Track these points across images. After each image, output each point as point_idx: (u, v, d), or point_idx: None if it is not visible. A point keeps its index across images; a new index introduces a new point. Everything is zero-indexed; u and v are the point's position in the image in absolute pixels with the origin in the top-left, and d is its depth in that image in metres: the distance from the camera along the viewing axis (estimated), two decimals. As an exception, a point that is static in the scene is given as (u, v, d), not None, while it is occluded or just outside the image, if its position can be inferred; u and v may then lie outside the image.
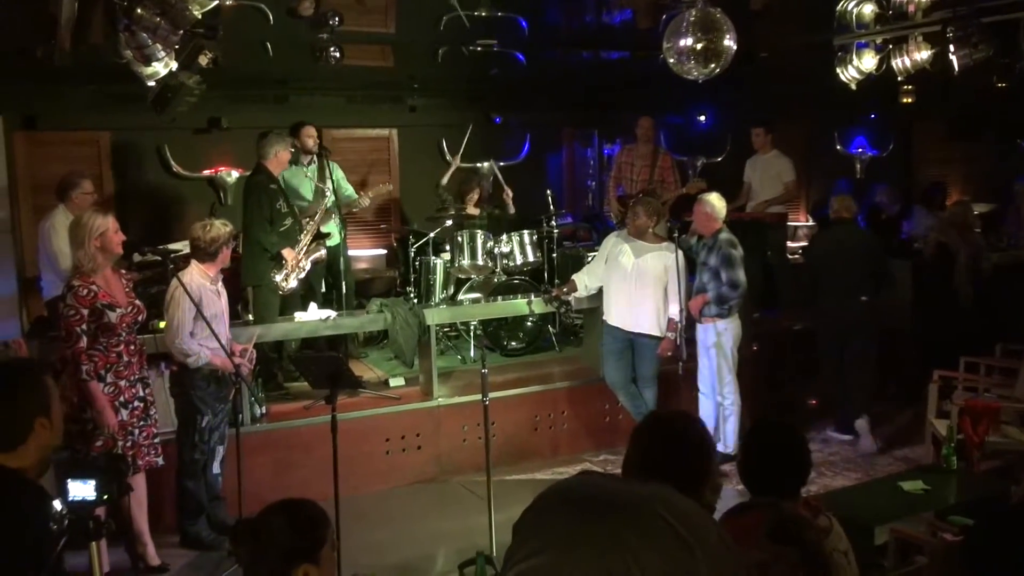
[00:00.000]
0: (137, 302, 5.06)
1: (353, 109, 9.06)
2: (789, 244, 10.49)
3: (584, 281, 6.67)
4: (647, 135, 8.31)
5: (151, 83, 5.29)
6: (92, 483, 2.37)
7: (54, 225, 6.34)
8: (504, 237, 7.75)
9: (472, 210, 8.12)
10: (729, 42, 5.44)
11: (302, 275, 6.71)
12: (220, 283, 5.32)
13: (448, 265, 7.75)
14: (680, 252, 6.21)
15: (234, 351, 5.30)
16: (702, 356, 6.51)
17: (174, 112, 5.63)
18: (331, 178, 7.12)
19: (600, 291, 6.67)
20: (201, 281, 5.17)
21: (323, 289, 7.46)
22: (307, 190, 7.19)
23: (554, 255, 8.24)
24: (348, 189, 7.62)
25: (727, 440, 6.45)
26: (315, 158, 7.26)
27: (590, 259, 7.23)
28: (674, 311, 6.27)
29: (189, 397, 5.22)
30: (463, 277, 7.82)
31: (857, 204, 7.68)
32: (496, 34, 7.98)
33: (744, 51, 5.71)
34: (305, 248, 6.70)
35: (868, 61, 6.73)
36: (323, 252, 6.87)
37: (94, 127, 8.11)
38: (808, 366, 7.77)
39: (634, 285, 6.31)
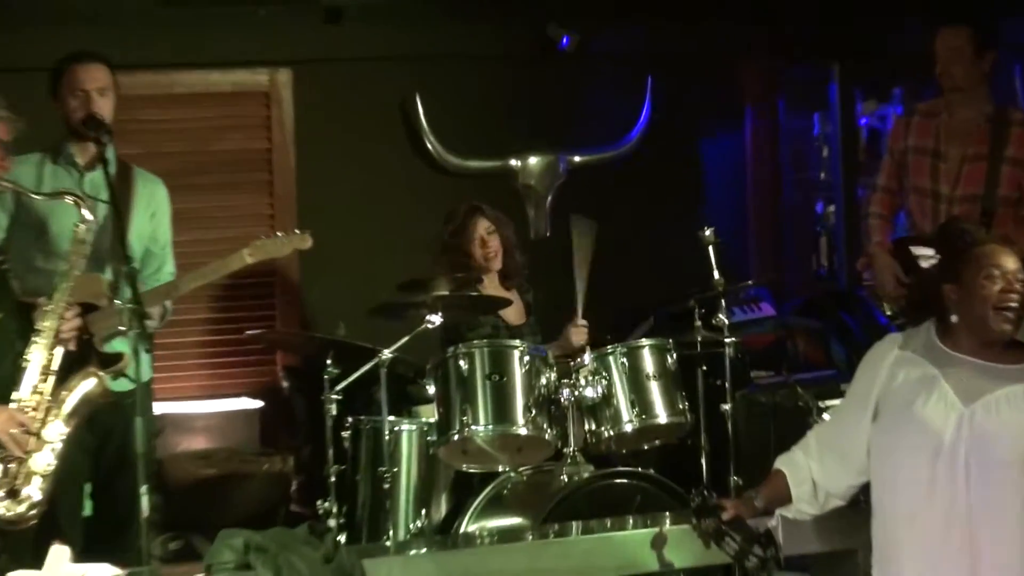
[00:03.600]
0: None
1: (181, 26, 5.72)
2: None
3: (811, 474, 4.17)
4: (964, 71, 4.78)
5: None
6: None
7: None
8: (589, 357, 4.87)
9: (492, 286, 5.08)
10: None
11: (50, 462, 4.38)
12: None
13: (433, 439, 4.86)
14: None
15: None
16: None
17: None
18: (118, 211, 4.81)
19: (858, 500, 3.98)
20: None
21: (84, 510, 4.90)
22: (68, 227, 4.93)
23: (726, 406, 4.78)
24: (163, 248, 5.20)
25: None
26: (100, 157, 4.85)
27: (826, 417, 4.53)
28: None
29: None
30: (474, 470, 4.92)
31: None
32: None
33: None
34: (42, 381, 4.45)
35: None
36: (92, 381, 4.53)
37: None
38: None
39: (964, 479, 3.80)
